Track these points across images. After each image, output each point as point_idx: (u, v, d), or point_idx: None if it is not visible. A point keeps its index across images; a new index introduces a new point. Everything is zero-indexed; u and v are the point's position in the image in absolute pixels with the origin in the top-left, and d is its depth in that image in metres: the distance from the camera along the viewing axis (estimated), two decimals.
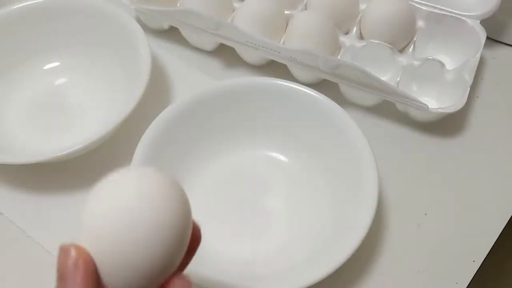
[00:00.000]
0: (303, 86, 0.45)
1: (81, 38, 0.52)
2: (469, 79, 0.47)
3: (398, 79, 0.48)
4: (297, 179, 0.45)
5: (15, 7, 0.51)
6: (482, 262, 0.41)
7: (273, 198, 0.44)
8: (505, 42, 0.54)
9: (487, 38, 0.49)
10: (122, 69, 0.50)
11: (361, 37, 0.52)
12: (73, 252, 0.23)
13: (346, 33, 0.52)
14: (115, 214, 0.23)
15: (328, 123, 0.43)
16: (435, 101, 0.48)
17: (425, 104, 0.45)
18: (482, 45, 0.48)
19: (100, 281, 0.24)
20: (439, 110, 0.45)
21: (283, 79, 0.46)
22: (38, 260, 0.41)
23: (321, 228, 0.41)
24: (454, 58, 0.50)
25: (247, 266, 0.41)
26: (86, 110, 0.49)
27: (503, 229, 0.43)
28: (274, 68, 0.51)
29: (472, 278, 0.41)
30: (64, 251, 0.24)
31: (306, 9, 0.52)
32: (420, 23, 0.51)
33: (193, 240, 0.26)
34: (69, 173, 0.46)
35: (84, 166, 0.46)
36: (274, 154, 0.46)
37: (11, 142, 0.47)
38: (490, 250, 0.42)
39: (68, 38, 0.52)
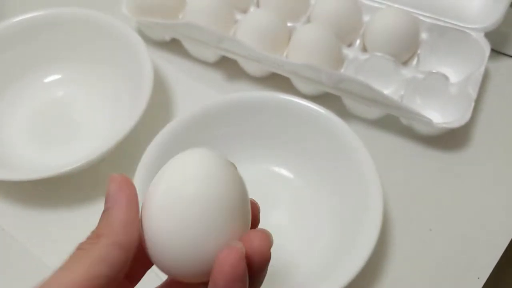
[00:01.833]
0: (306, 100, 0.44)
1: (82, 51, 0.52)
2: (473, 93, 0.46)
3: (402, 92, 0.48)
4: (301, 194, 0.44)
5: (15, 19, 0.51)
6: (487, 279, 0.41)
7: (277, 214, 0.44)
8: (510, 54, 0.53)
9: (491, 50, 0.49)
10: (124, 82, 0.49)
11: (364, 49, 0.51)
12: (118, 177, 0.24)
13: (349, 45, 0.51)
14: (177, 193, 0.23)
15: (331, 137, 0.43)
16: (439, 115, 0.48)
17: (430, 119, 0.44)
18: (487, 58, 0.48)
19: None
20: (444, 125, 0.45)
21: (285, 91, 0.46)
22: (39, 276, 0.41)
23: (325, 245, 0.41)
24: (458, 71, 0.50)
25: None
26: (88, 123, 0.49)
27: (508, 245, 0.43)
28: (277, 80, 0.51)
29: None
30: (110, 178, 0.24)
31: (309, 21, 0.52)
32: (424, 36, 0.51)
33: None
34: (70, 188, 0.46)
35: (85, 181, 0.46)
36: (277, 169, 0.46)
37: (12, 157, 0.47)
38: (495, 266, 0.42)
39: (69, 50, 0.52)
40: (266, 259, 0.24)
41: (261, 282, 0.25)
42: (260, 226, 0.43)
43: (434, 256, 0.42)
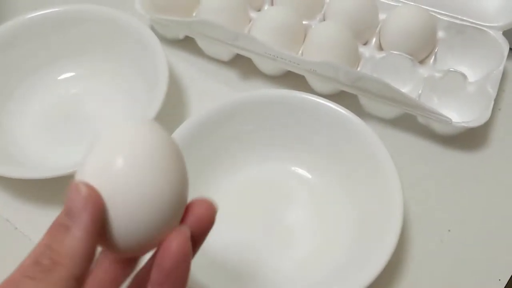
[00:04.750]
0: (326, 99, 0.44)
1: (96, 48, 0.51)
2: (492, 92, 0.46)
3: (420, 91, 0.47)
4: (319, 194, 0.44)
5: (29, 16, 0.50)
6: (508, 281, 0.40)
7: (294, 213, 0.43)
8: None
9: (510, 49, 0.48)
10: (139, 80, 0.49)
11: (380, 48, 0.51)
12: (84, 190, 0.23)
13: (365, 44, 0.51)
14: (122, 161, 0.24)
15: (350, 137, 0.42)
16: (456, 114, 0.47)
17: (449, 118, 0.44)
18: (505, 57, 0.47)
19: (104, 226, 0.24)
20: (463, 124, 0.44)
21: (300, 90, 0.45)
22: None
23: (343, 245, 0.41)
24: (476, 70, 0.49)
25: (266, 281, 0.40)
26: (102, 122, 0.48)
27: None
28: (291, 79, 0.50)
29: None
30: (75, 187, 0.23)
31: (324, 19, 0.51)
32: (441, 34, 0.50)
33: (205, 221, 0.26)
34: None
35: None
36: (295, 168, 0.45)
37: (26, 155, 0.46)
38: None
39: (83, 48, 0.51)
40: (210, 226, 0.26)
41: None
42: (279, 225, 0.42)
43: (454, 257, 0.42)
